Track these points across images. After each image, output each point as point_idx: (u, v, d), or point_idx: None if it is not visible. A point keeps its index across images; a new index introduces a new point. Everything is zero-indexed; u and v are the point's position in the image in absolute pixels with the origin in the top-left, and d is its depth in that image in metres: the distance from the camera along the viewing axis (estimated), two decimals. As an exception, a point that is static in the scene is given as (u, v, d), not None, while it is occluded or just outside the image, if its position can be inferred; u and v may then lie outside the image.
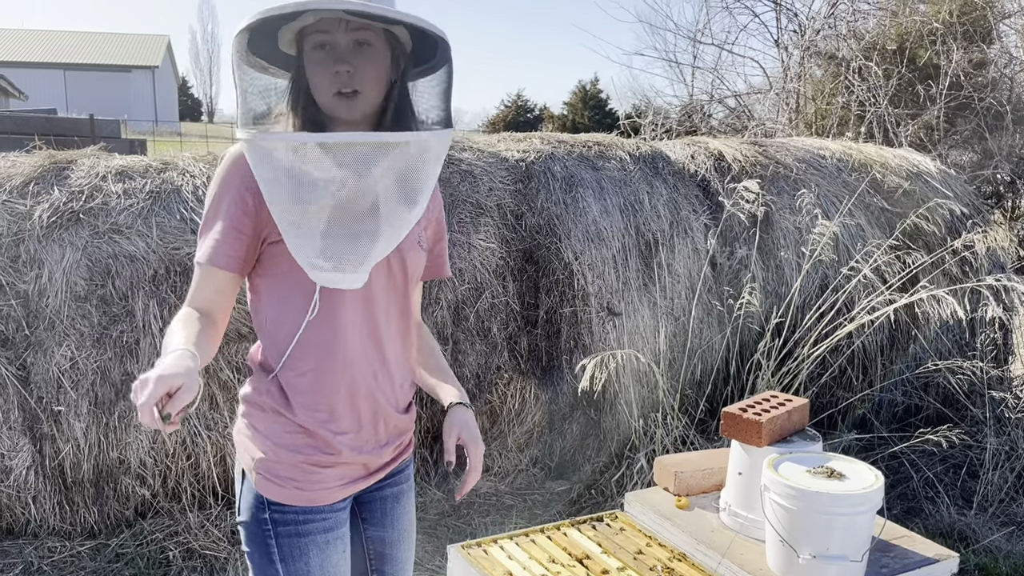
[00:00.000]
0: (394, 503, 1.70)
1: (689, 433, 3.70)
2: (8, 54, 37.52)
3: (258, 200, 1.42)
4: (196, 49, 57.09)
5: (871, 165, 4.82)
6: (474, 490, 3.68)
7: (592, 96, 31.82)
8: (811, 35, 8.04)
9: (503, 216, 3.85)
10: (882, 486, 1.76)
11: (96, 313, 3.18)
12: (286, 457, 1.49)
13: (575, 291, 3.83)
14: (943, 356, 4.30)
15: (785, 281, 4.22)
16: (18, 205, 3.23)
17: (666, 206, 4.16)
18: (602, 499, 3.62)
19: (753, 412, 2.01)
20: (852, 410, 4.29)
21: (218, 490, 3.37)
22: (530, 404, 3.83)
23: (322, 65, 1.43)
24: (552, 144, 4.21)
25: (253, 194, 1.42)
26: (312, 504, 1.51)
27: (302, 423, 1.49)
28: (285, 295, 1.49)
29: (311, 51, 1.44)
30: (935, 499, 3.71)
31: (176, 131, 29.05)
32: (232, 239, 1.44)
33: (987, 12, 7.27)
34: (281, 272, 1.48)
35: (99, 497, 3.24)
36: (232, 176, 1.46)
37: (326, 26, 1.42)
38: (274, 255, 1.47)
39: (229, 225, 1.44)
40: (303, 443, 1.50)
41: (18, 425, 3.12)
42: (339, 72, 1.42)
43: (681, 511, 2.17)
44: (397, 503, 1.71)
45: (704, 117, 8.82)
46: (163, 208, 3.36)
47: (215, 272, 1.45)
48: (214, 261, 1.44)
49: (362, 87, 1.44)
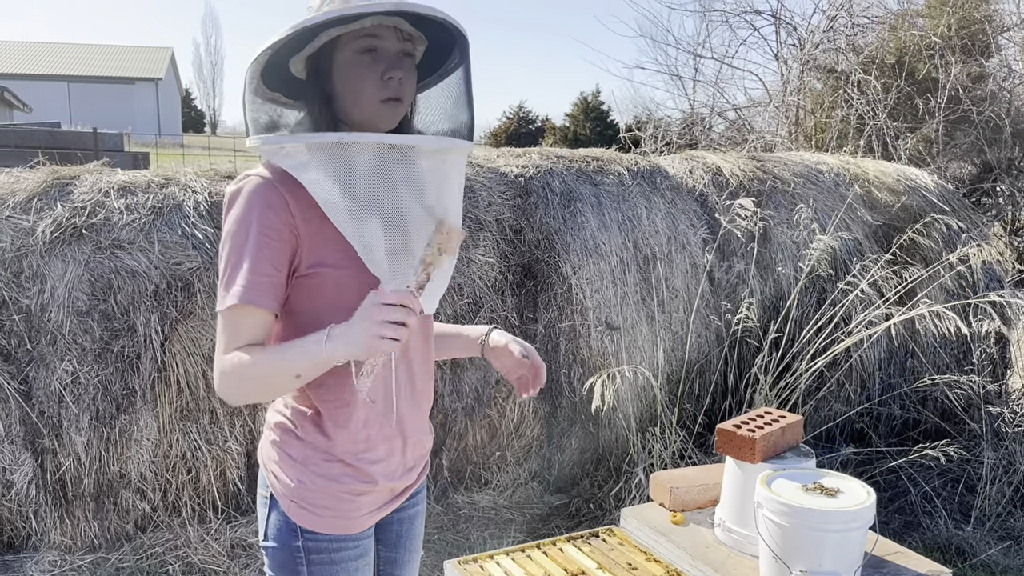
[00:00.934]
0: (409, 525, 1.71)
1: (687, 447, 3.71)
2: (12, 66, 37.70)
3: (302, 228, 1.37)
4: (199, 61, 57.35)
5: (869, 180, 4.84)
6: (472, 504, 3.70)
7: (594, 108, 31.92)
8: (810, 49, 8.08)
9: (502, 231, 3.88)
10: (874, 503, 1.78)
11: (98, 328, 3.20)
12: (323, 486, 1.48)
13: (573, 305, 3.85)
14: (940, 370, 4.32)
15: (783, 295, 4.24)
16: (21, 220, 3.26)
17: (664, 221, 4.19)
18: (600, 513, 3.63)
19: (747, 428, 2.03)
20: (850, 424, 4.30)
21: (218, 504, 3.39)
22: (529, 418, 3.84)
23: (370, 70, 1.39)
24: (551, 159, 4.24)
25: (295, 224, 1.37)
26: (346, 532, 1.51)
27: (341, 454, 1.48)
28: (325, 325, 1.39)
29: (355, 55, 1.39)
30: (933, 513, 3.72)
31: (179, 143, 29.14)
32: (273, 276, 1.37)
33: (985, 26, 7.31)
34: (323, 303, 1.42)
35: (99, 511, 3.26)
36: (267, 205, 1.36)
37: (378, 31, 1.39)
38: (310, 288, 1.41)
39: (268, 259, 1.35)
40: (340, 472, 1.49)
41: (19, 439, 3.14)
42: (392, 78, 1.39)
43: (677, 527, 2.18)
44: (412, 525, 1.72)
45: (705, 130, 8.87)
46: (165, 224, 3.39)
47: (256, 313, 1.37)
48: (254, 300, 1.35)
49: (405, 97, 1.43)
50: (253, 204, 1.36)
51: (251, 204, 1.36)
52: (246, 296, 1.34)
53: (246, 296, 1.34)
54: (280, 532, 1.51)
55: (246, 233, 1.35)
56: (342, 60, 1.41)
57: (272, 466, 1.53)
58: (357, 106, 1.41)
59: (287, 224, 1.36)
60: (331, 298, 1.41)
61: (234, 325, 1.37)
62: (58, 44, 43.10)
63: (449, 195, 1.43)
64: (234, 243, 1.36)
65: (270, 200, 1.36)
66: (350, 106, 1.42)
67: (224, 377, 1.37)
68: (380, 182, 1.35)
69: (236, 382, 1.36)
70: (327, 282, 1.41)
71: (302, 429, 1.49)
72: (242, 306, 1.35)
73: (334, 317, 1.35)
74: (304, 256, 1.39)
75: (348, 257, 1.38)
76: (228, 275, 1.36)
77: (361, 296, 1.31)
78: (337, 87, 1.42)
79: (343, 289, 1.40)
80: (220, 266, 1.38)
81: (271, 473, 1.53)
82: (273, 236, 1.36)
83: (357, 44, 1.39)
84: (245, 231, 1.36)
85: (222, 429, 3.35)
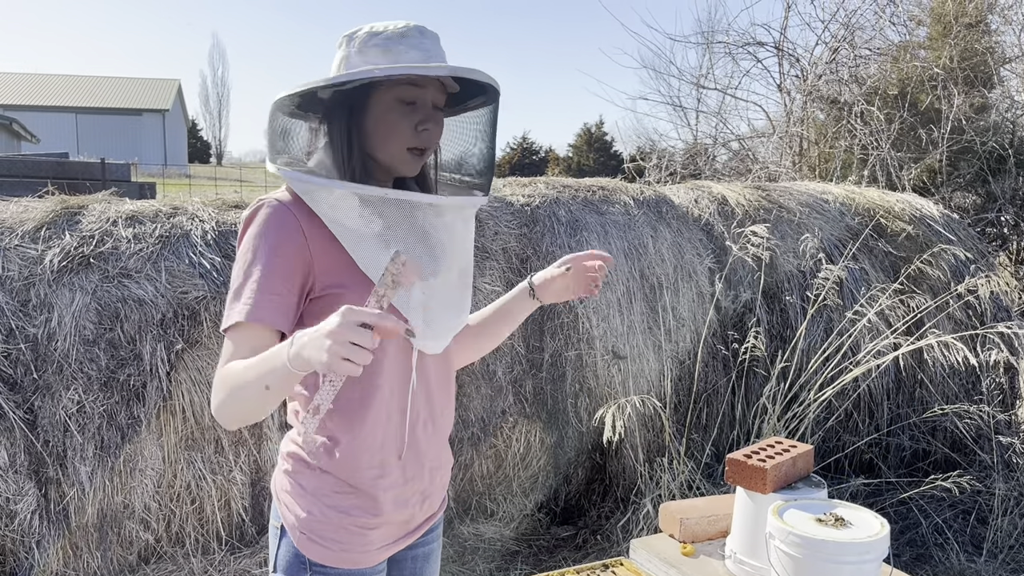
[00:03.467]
0: (424, 563, 1.68)
1: (695, 478, 3.68)
2: (22, 98, 38.11)
3: (315, 250, 1.38)
4: (206, 92, 57.72)
5: (874, 209, 4.85)
6: (478, 535, 3.66)
7: (597, 139, 32.13)
8: (813, 79, 8.14)
9: (508, 260, 3.88)
10: (888, 534, 1.75)
11: (104, 356, 3.20)
12: (334, 518, 1.47)
13: (580, 334, 3.84)
14: (950, 400, 4.29)
15: (790, 324, 4.23)
16: (29, 250, 3.27)
17: (670, 250, 4.19)
18: (608, 545, 3.59)
19: (758, 458, 2.01)
20: (859, 455, 4.26)
21: (222, 535, 3.36)
22: (535, 448, 3.82)
23: (406, 119, 1.42)
24: (557, 188, 4.26)
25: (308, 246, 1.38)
26: (355, 567, 1.49)
27: (352, 482, 1.47)
28: None
29: (394, 102, 1.41)
30: (944, 545, 3.67)
31: (185, 173, 29.36)
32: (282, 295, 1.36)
33: (987, 57, 7.37)
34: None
35: (103, 542, 3.23)
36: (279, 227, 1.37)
37: (421, 82, 1.41)
38: (324, 310, 1.35)
39: (278, 279, 1.35)
40: (350, 504, 1.48)
41: (24, 469, 3.13)
42: (425, 130, 1.43)
43: (687, 558, 2.16)
44: (427, 563, 1.69)
45: (708, 160, 8.91)
46: (172, 253, 3.40)
47: (259, 330, 1.35)
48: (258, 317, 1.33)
49: (431, 147, 1.47)
50: (266, 226, 1.37)
51: (264, 226, 1.37)
52: (252, 314, 1.33)
53: (252, 314, 1.33)
54: (289, 564, 1.49)
55: (255, 254, 1.36)
56: (380, 102, 1.42)
57: (284, 496, 1.51)
58: (384, 149, 1.44)
59: (299, 246, 1.37)
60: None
61: (234, 344, 1.34)
62: (66, 76, 43.58)
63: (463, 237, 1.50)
64: (242, 264, 1.37)
65: (283, 222, 1.37)
66: (377, 145, 1.44)
67: (216, 397, 1.34)
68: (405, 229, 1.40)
69: (224, 401, 1.32)
70: (338, 304, 1.39)
71: (316, 457, 1.48)
72: (248, 324, 1.33)
73: None
74: (317, 279, 1.40)
75: (362, 280, 1.40)
76: (233, 295, 1.36)
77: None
78: (369, 125, 1.43)
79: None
80: (231, 287, 1.38)
81: (283, 504, 1.51)
82: (284, 257, 1.36)
83: (399, 91, 1.41)
84: (255, 252, 1.36)
85: (227, 459, 3.33)
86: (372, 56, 1.40)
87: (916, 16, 8.19)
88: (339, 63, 1.45)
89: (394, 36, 1.40)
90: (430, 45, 1.42)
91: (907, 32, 8.23)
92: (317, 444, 1.48)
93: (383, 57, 1.39)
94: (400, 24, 1.42)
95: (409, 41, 1.40)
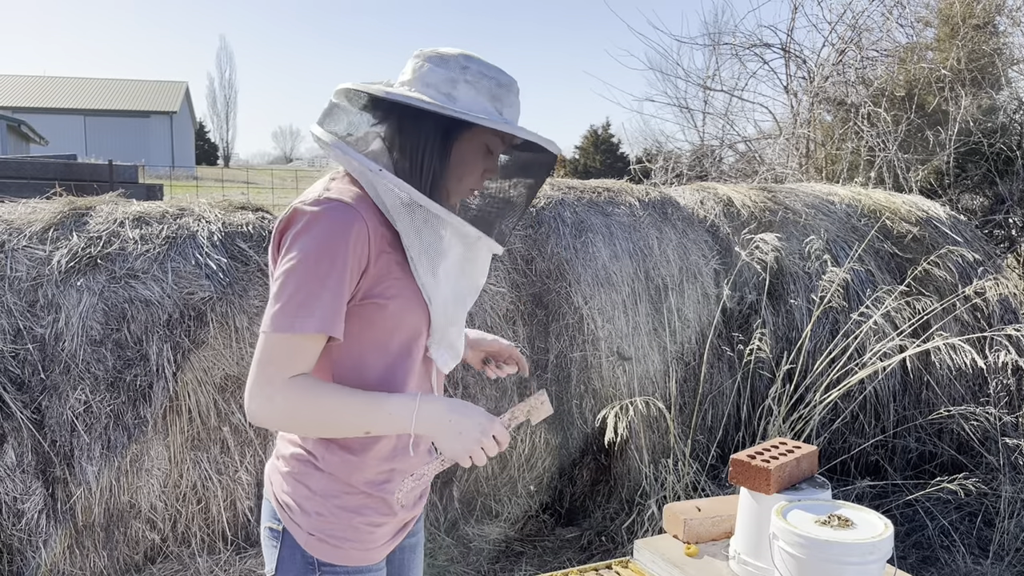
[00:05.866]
0: (411, 554, 1.72)
1: (700, 479, 3.68)
2: (31, 100, 38.30)
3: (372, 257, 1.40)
4: (213, 95, 57.90)
5: (880, 211, 4.84)
6: (483, 536, 3.66)
7: (604, 140, 32.10)
8: (820, 81, 8.13)
9: (513, 261, 3.88)
10: (892, 535, 1.75)
11: (111, 357, 3.21)
12: (345, 518, 1.48)
13: (585, 336, 3.85)
14: (956, 402, 4.28)
15: (795, 326, 4.22)
16: (37, 250, 3.29)
17: (675, 251, 4.19)
18: (613, 546, 3.59)
19: (762, 459, 2.01)
20: (865, 456, 4.25)
21: (228, 535, 3.37)
22: (540, 449, 3.82)
23: (483, 164, 1.51)
24: (562, 190, 4.26)
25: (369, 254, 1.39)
26: (364, 563, 1.51)
27: (363, 486, 1.49)
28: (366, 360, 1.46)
29: (482, 147, 1.49)
30: (951, 548, 3.66)
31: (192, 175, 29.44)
32: (340, 304, 1.36)
33: (995, 59, 7.34)
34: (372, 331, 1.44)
35: (109, 541, 3.25)
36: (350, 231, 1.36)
37: (506, 140, 1.51)
38: (362, 316, 1.43)
39: (347, 288, 1.37)
40: (360, 503, 1.49)
41: (31, 468, 3.14)
42: (489, 182, 1.57)
43: (691, 559, 2.16)
44: (414, 554, 1.73)
45: (715, 161, 8.90)
46: (179, 254, 3.41)
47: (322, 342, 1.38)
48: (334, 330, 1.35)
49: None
50: (340, 232, 1.34)
51: (337, 231, 1.34)
52: (327, 326, 1.33)
53: (327, 326, 1.33)
54: (296, 567, 1.49)
55: (331, 260, 1.33)
56: (473, 142, 1.48)
57: (285, 499, 1.50)
58: (456, 182, 1.50)
59: (363, 255, 1.38)
60: (378, 329, 1.44)
61: (298, 351, 1.34)
62: (75, 79, 43.76)
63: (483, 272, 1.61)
64: (316, 268, 1.33)
65: (357, 229, 1.36)
66: (451, 175, 1.49)
67: (276, 402, 1.34)
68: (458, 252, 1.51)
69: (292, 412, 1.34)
70: (377, 314, 1.43)
71: (324, 461, 1.48)
72: (318, 336, 1.35)
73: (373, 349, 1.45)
74: (364, 287, 1.40)
75: (401, 291, 1.44)
76: (302, 299, 1.33)
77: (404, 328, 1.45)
78: (454, 156, 1.48)
79: (390, 322, 1.44)
80: (288, 286, 1.34)
81: (283, 506, 1.51)
82: (353, 266, 1.36)
83: (490, 139, 1.49)
84: (330, 258, 1.33)
85: (232, 459, 3.34)
86: (484, 96, 1.45)
87: (923, 17, 8.17)
88: (445, 82, 1.45)
89: (505, 84, 1.47)
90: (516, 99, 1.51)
91: (914, 33, 8.21)
92: (323, 449, 1.50)
93: (492, 103, 1.46)
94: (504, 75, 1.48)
95: (513, 94, 1.49)
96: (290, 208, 1.39)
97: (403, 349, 1.46)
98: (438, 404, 1.37)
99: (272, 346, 1.34)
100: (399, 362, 1.47)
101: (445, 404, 1.38)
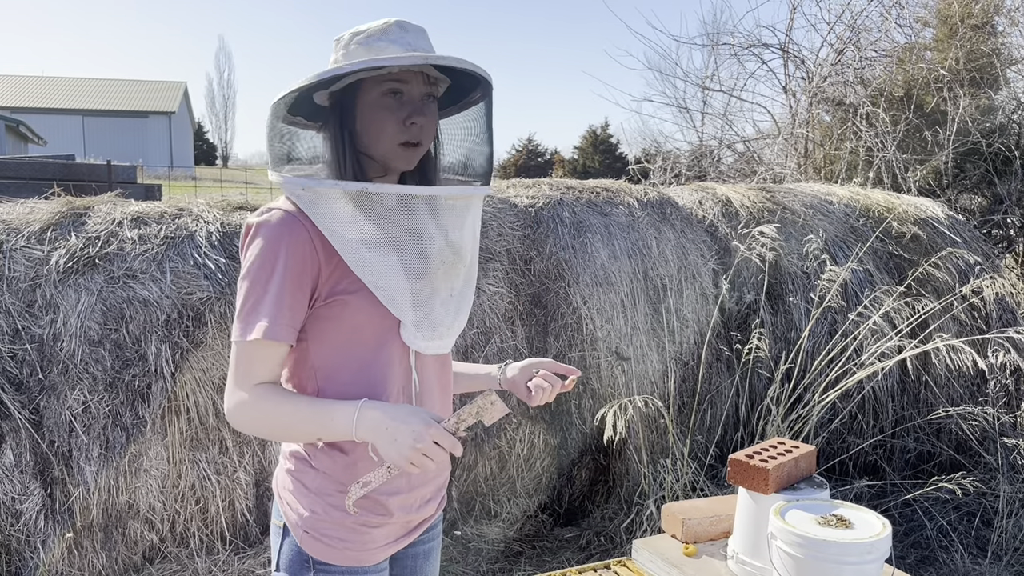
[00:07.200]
0: (424, 561, 1.68)
1: (699, 479, 3.68)
2: (29, 101, 38.27)
3: (323, 258, 1.39)
4: (212, 95, 57.88)
5: (879, 211, 4.84)
6: (481, 536, 3.66)
7: (602, 140, 32.12)
8: (818, 82, 8.13)
9: (512, 261, 3.89)
10: (890, 534, 1.75)
11: (109, 357, 3.21)
12: (338, 517, 1.47)
13: (584, 335, 3.85)
14: (955, 402, 4.28)
15: (794, 326, 4.22)
16: (35, 251, 3.29)
17: (674, 251, 4.19)
18: (611, 546, 3.59)
19: (760, 459, 2.01)
20: (863, 456, 4.25)
21: (226, 535, 3.37)
22: (539, 449, 3.82)
23: (393, 114, 1.42)
24: (561, 190, 4.26)
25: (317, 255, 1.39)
26: (359, 564, 1.50)
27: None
28: (342, 357, 1.45)
29: (379, 98, 1.42)
30: (949, 547, 3.66)
31: (191, 175, 29.44)
32: (295, 310, 1.38)
33: (994, 59, 7.35)
34: (339, 331, 1.44)
35: (107, 542, 3.24)
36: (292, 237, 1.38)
37: (404, 76, 1.42)
38: (328, 317, 1.43)
39: (290, 293, 1.37)
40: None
41: (29, 469, 3.14)
42: (414, 123, 1.43)
43: (689, 559, 2.16)
44: (427, 560, 1.69)
45: (713, 162, 8.90)
46: (177, 254, 3.41)
47: (277, 347, 1.39)
48: (277, 335, 1.37)
49: (424, 141, 1.47)
50: (279, 238, 1.37)
51: (277, 238, 1.37)
52: (270, 332, 1.36)
53: (270, 332, 1.36)
54: (292, 563, 1.50)
55: (272, 267, 1.36)
56: (367, 100, 1.43)
57: (286, 495, 1.52)
58: (377, 146, 1.44)
59: (311, 258, 1.38)
60: (348, 326, 1.43)
61: (254, 358, 1.38)
62: (73, 79, 43.72)
63: (466, 235, 1.49)
64: (258, 276, 1.37)
65: (296, 234, 1.38)
66: (369, 143, 1.45)
67: (242, 409, 1.38)
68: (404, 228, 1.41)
69: (254, 419, 1.39)
70: (345, 310, 1.42)
71: (317, 459, 1.49)
72: (265, 341, 1.37)
73: (348, 346, 1.43)
74: (323, 288, 1.41)
75: (363, 285, 1.41)
76: (250, 307, 1.38)
77: (374, 320, 1.40)
78: (359, 124, 1.44)
79: (359, 316, 1.42)
80: (240, 296, 1.39)
81: (285, 503, 1.52)
82: (297, 271, 1.37)
83: (383, 87, 1.42)
84: (271, 265, 1.36)
85: (231, 459, 3.33)
86: (356, 55, 1.41)
87: (922, 18, 8.18)
88: (331, 62, 1.46)
89: (375, 33, 1.41)
90: (412, 39, 1.42)
91: (913, 34, 8.22)
92: (319, 448, 1.49)
93: (365, 54, 1.40)
94: (382, 21, 1.44)
95: (389, 36, 1.41)
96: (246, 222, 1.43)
97: (377, 341, 1.45)
98: (378, 411, 1.32)
99: (235, 354, 1.40)
100: (376, 355, 1.46)
101: (385, 411, 1.32)
